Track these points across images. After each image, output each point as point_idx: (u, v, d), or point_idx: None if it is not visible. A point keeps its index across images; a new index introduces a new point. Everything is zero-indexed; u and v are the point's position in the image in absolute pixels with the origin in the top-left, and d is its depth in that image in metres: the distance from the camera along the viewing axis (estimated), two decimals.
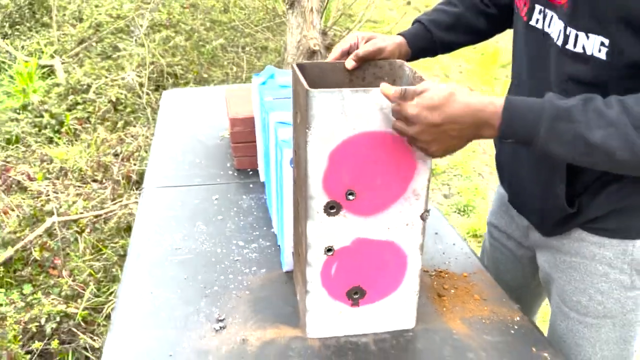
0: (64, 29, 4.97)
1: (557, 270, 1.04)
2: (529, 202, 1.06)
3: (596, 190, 0.92)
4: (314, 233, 0.87)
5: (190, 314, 1.00)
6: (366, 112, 0.79)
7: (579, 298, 1.00)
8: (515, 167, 1.08)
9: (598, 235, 0.96)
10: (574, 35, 0.83)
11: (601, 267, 0.97)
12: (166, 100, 2.14)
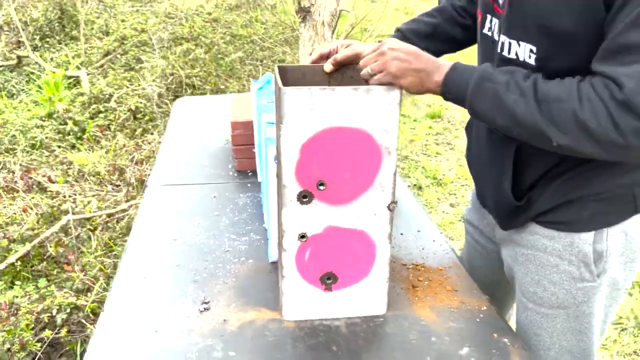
0: (91, 42, 5.20)
1: (517, 263, 1.09)
2: (488, 197, 1.12)
3: (544, 185, 0.98)
4: (288, 220, 0.94)
5: (178, 296, 1.08)
6: (334, 109, 0.87)
7: (535, 289, 1.06)
8: (477, 164, 1.15)
9: (549, 228, 1.01)
10: (508, 42, 0.92)
11: (552, 259, 1.02)
12: (178, 107, 2.25)
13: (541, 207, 0.99)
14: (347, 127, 0.89)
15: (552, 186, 0.97)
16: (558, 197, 0.97)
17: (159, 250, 1.24)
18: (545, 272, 1.03)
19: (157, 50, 4.79)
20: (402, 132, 3.95)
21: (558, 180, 0.96)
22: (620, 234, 0.97)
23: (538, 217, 1.01)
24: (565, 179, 0.96)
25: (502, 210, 1.06)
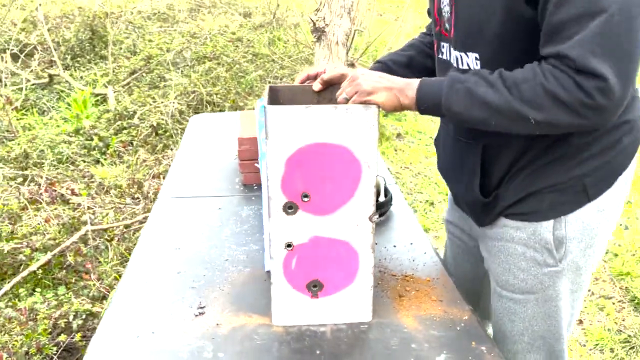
0: (118, 61, 5.41)
1: (490, 255, 1.19)
2: (460, 199, 1.22)
3: (507, 181, 1.09)
4: (275, 230, 1.01)
5: (176, 301, 1.15)
6: (316, 126, 0.94)
7: (507, 277, 1.15)
8: (449, 171, 1.23)
9: (515, 220, 1.10)
10: (460, 56, 1.06)
11: (519, 248, 1.11)
12: (194, 124, 2.36)
13: (506, 201, 1.09)
14: (328, 143, 0.95)
15: (515, 182, 1.07)
16: (520, 190, 1.07)
17: (163, 258, 1.32)
18: (514, 261, 1.13)
19: (180, 68, 4.96)
20: (416, 148, 4.00)
21: (520, 175, 1.06)
22: (577, 222, 1.06)
23: (505, 211, 1.10)
24: (526, 173, 1.06)
25: (475, 208, 1.15)
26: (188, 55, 4.95)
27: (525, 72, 0.90)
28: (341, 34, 3.24)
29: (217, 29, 6.66)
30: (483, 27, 0.98)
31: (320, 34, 3.26)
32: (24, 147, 3.27)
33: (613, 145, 1.03)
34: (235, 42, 6.13)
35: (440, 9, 1.10)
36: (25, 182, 2.96)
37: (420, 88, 0.98)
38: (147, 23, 7.23)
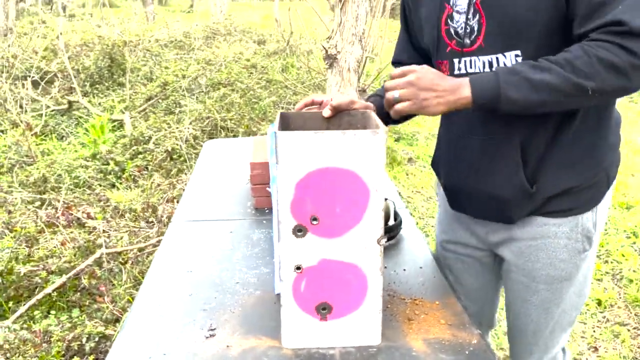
0: (135, 88, 5.54)
1: (522, 256, 1.27)
2: (477, 202, 1.25)
3: (544, 171, 1.16)
4: (285, 252, 1.02)
5: (187, 323, 1.17)
6: (324, 151, 0.96)
7: (547, 271, 1.25)
8: (471, 179, 1.24)
9: (556, 217, 1.20)
10: (494, 59, 1.11)
11: (562, 241, 1.21)
12: (207, 149, 2.40)
13: (546, 193, 1.17)
14: (337, 168, 0.97)
15: (550, 172, 1.15)
16: (557, 184, 1.16)
17: (175, 280, 1.34)
18: (556, 254, 1.23)
19: (195, 95, 5.06)
20: (428, 173, 4.00)
21: (553, 166, 1.15)
22: (602, 207, 1.21)
23: (543, 208, 1.19)
24: (560, 166, 1.15)
25: (508, 205, 1.20)
26: (203, 82, 5.05)
27: (572, 51, 0.98)
28: (353, 61, 3.30)
29: (232, 56, 6.80)
30: (527, 26, 1.05)
31: (332, 61, 3.31)
32: (43, 172, 3.34)
33: (618, 137, 1.21)
34: (250, 68, 6.25)
35: (454, 31, 1.17)
36: (43, 206, 3.02)
37: (474, 86, 1.03)
38: (164, 50, 7.41)
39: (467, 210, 1.32)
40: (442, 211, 1.45)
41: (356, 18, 3.23)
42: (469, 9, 1.12)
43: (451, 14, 1.16)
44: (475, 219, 1.32)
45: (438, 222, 1.49)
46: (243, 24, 11.27)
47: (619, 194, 3.63)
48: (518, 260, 1.28)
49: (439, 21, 1.19)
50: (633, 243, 3.03)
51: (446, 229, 1.44)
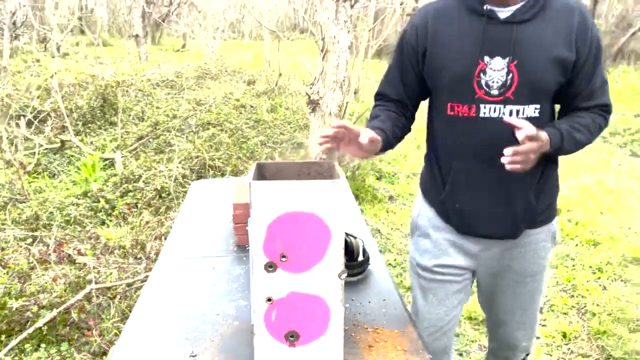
0: (127, 127, 5.71)
1: (513, 259, 1.60)
2: (492, 220, 1.53)
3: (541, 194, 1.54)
4: (257, 286, 1.17)
5: (172, 351, 1.30)
6: (291, 198, 1.12)
7: (533, 268, 1.61)
8: (473, 199, 1.52)
9: (537, 227, 1.57)
10: (518, 109, 1.42)
11: (541, 244, 1.59)
12: (194, 189, 2.55)
13: (541, 208, 1.54)
14: (302, 212, 1.13)
15: (544, 194, 1.55)
16: (547, 201, 1.56)
17: (161, 312, 1.47)
18: (539, 254, 1.60)
19: (185, 134, 5.24)
20: (407, 210, 4.17)
21: (545, 190, 1.55)
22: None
23: (532, 222, 1.55)
24: (545, 192, 1.55)
25: (519, 220, 1.53)
26: (193, 122, 5.24)
27: (589, 118, 1.47)
28: (334, 106, 3.51)
29: (222, 95, 7.03)
30: (547, 88, 1.42)
31: (315, 105, 3.52)
32: (35, 210, 3.46)
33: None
34: (239, 108, 6.47)
35: (485, 83, 1.43)
36: (34, 243, 3.13)
37: (551, 143, 1.40)
38: (156, 90, 7.64)
39: (478, 231, 1.57)
40: (434, 240, 1.65)
41: (337, 66, 3.46)
42: (505, 69, 1.41)
43: (484, 69, 1.41)
44: (476, 238, 1.58)
45: (423, 252, 1.67)
46: (234, 65, 11.59)
47: (587, 232, 3.82)
48: (510, 263, 1.61)
49: (472, 74, 1.42)
50: (598, 278, 3.20)
51: (440, 254, 1.64)
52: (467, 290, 1.68)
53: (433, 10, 1.51)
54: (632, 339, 2.59)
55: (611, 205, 4.46)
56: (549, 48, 1.39)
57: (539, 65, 1.39)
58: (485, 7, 1.40)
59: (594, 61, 1.43)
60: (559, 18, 1.39)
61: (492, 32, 1.40)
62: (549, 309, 2.93)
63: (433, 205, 1.64)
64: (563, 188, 4.67)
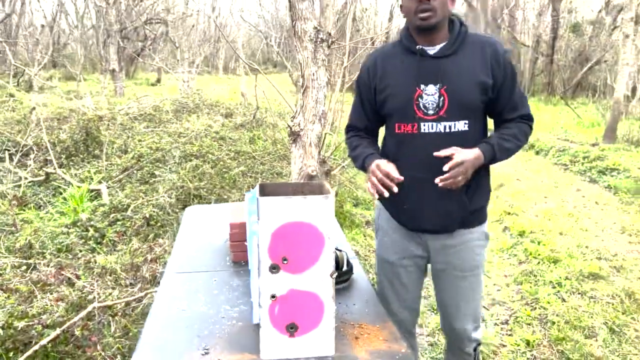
0: (111, 160, 5.88)
1: (451, 255, 1.89)
2: (432, 216, 1.83)
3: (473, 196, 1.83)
4: (263, 285, 1.41)
5: (187, 347, 1.51)
6: (292, 210, 1.37)
7: (470, 263, 1.90)
8: (417, 199, 1.83)
9: (471, 227, 1.88)
10: (450, 125, 1.76)
11: (475, 242, 1.90)
12: (188, 214, 2.77)
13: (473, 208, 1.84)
14: (301, 222, 1.38)
15: (475, 197, 1.84)
16: (479, 203, 1.87)
17: (173, 317, 1.68)
18: (473, 251, 1.90)
19: (169, 166, 5.44)
20: None
21: (476, 194, 1.84)
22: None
23: (465, 223, 1.86)
24: (476, 195, 1.85)
25: (454, 217, 1.83)
26: (177, 154, 5.45)
27: (515, 128, 1.82)
28: (314, 137, 3.78)
29: (202, 128, 7.27)
30: (473, 107, 1.77)
31: (296, 137, 3.79)
32: (28, 238, 3.60)
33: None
34: (219, 140, 6.71)
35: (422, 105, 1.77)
36: (29, 270, 3.27)
37: (485, 156, 1.75)
38: (135, 123, 7.83)
39: (422, 225, 1.87)
40: (392, 237, 1.99)
41: (316, 101, 3.75)
42: (437, 93, 1.75)
43: (421, 94, 1.77)
44: (423, 233, 1.90)
45: (386, 249, 2.01)
46: (211, 98, 11.87)
47: (548, 250, 4.14)
48: (450, 259, 1.91)
49: (412, 99, 1.78)
50: (558, 292, 3.50)
51: (399, 249, 1.96)
52: (422, 272, 2.04)
53: (380, 54, 1.92)
54: (587, 344, 2.88)
55: (570, 227, 4.82)
56: (470, 74, 1.76)
57: (464, 88, 1.75)
58: (418, 47, 1.79)
59: (510, 81, 1.80)
60: (475, 51, 1.79)
61: (424, 65, 1.79)
62: (514, 320, 3.20)
63: (387, 208, 1.98)
64: (528, 213, 5.02)
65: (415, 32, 1.80)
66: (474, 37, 1.80)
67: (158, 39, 20.99)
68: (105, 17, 16.95)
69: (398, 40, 1.89)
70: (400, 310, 2.01)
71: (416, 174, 1.80)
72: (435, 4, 1.70)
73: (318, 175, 3.86)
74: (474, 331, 2.00)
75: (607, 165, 7.29)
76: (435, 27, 1.75)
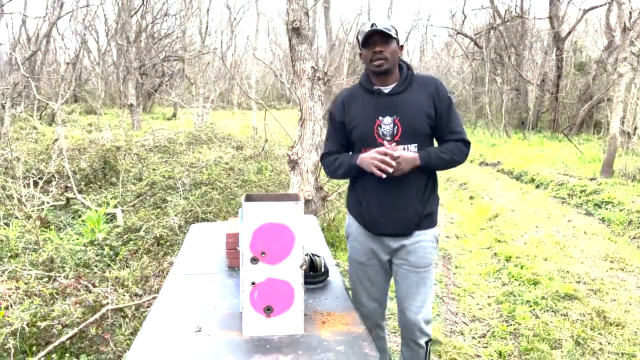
0: (126, 187, 6.30)
1: (409, 253, 2.25)
2: (393, 222, 2.18)
3: (426, 204, 2.23)
4: (245, 273, 1.75)
5: (183, 326, 1.84)
6: (269, 213, 1.73)
7: (423, 261, 2.25)
8: (380, 209, 2.17)
9: (424, 229, 2.24)
10: (406, 147, 2.17)
11: (428, 243, 2.25)
12: (193, 230, 3.13)
13: (425, 212, 2.23)
14: (276, 223, 1.74)
15: (427, 203, 2.24)
16: (429, 209, 2.26)
17: (174, 306, 2.02)
18: (426, 250, 2.25)
19: (180, 192, 5.84)
20: None
21: (427, 201, 2.24)
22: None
23: (419, 225, 2.22)
24: (427, 200, 2.24)
25: (411, 222, 2.21)
26: (187, 182, 5.86)
27: (452, 145, 2.20)
28: (310, 165, 4.16)
29: (213, 159, 7.70)
30: (422, 133, 2.18)
31: (294, 164, 4.17)
32: (50, 254, 3.98)
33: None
34: (228, 170, 7.12)
35: (382, 132, 2.18)
36: (50, 281, 3.64)
37: (421, 159, 2.14)
38: (150, 155, 8.30)
39: (385, 230, 2.23)
40: (360, 242, 2.35)
41: (312, 132, 4.15)
42: (392, 123, 2.15)
43: (380, 124, 2.18)
44: (386, 237, 2.23)
45: (356, 251, 2.36)
46: (223, 132, 12.39)
47: (529, 273, 4.42)
48: (407, 257, 2.25)
49: (373, 128, 2.19)
50: (533, 309, 3.76)
51: (367, 252, 2.32)
52: (388, 272, 2.38)
53: (346, 94, 2.36)
54: (552, 353, 3.14)
55: (555, 254, 5.08)
56: (417, 107, 2.19)
57: (414, 118, 2.18)
58: (375, 87, 2.23)
59: (447, 112, 2.21)
60: (421, 88, 2.22)
61: (381, 101, 2.21)
62: (491, 334, 3.47)
63: (355, 218, 2.35)
64: (517, 241, 5.29)
65: (372, 75, 2.23)
66: (419, 77, 2.24)
67: (175, 75, 21.84)
68: (126, 55, 17.76)
69: (359, 83, 2.31)
70: (369, 302, 2.37)
71: (378, 188, 2.18)
72: (387, 54, 2.14)
73: (314, 200, 4.22)
74: (424, 324, 2.29)
75: (602, 198, 7.53)
76: (388, 72, 2.18)
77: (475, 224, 6.57)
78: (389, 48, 2.16)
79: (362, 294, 2.37)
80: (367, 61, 2.19)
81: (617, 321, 3.55)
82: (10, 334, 2.75)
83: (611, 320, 3.57)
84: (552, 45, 18.56)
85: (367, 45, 2.18)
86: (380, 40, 2.14)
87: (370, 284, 2.36)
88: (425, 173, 2.24)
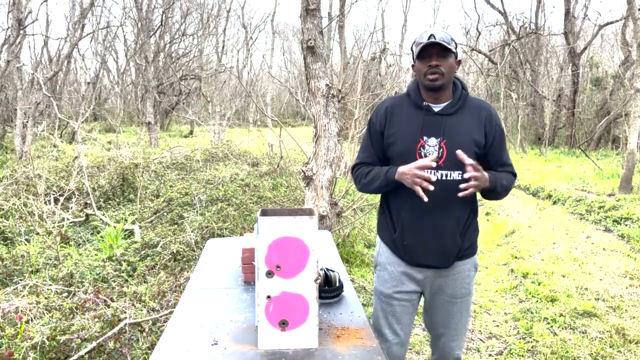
0: (144, 203, 6.39)
1: (447, 284, 2.19)
2: (430, 256, 2.14)
3: (465, 235, 2.14)
4: (261, 287, 1.77)
5: (199, 340, 1.87)
6: (283, 227, 1.76)
7: (462, 290, 2.20)
8: (416, 236, 2.11)
9: (464, 259, 2.18)
10: (446, 173, 2.06)
11: (467, 273, 2.19)
12: (209, 245, 3.17)
13: (465, 245, 2.15)
14: (291, 237, 1.76)
15: (467, 236, 2.15)
16: (470, 240, 2.18)
17: (190, 320, 2.05)
18: (465, 280, 2.19)
19: (196, 209, 5.91)
20: None
21: (467, 233, 2.16)
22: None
23: (459, 255, 2.15)
24: (468, 232, 2.16)
25: (450, 254, 2.13)
26: (204, 198, 5.93)
27: (505, 174, 2.13)
28: (325, 181, 4.19)
29: (229, 176, 7.78)
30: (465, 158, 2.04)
31: (309, 180, 4.21)
32: (70, 269, 4.05)
33: None
34: (244, 187, 7.19)
35: (424, 153, 2.06)
36: (70, 296, 3.70)
37: (490, 181, 2.03)
38: (167, 172, 8.41)
39: (421, 261, 2.15)
40: (390, 271, 2.25)
41: (327, 149, 4.19)
42: (437, 145, 2.05)
43: (424, 144, 2.06)
44: (420, 268, 2.17)
45: (383, 282, 2.27)
46: (239, 149, 12.52)
47: (547, 290, 4.37)
48: (444, 286, 2.19)
49: (415, 148, 2.07)
50: (551, 327, 3.72)
51: (397, 284, 2.23)
52: (416, 307, 2.27)
53: (390, 104, 2.20)
54: None
55: (573, 270, 5.02)
56: (467, 132, 2.05)
57: (461, 143, 2.03)
58: (424, 103, 2.10)
59: (499, 142, 2.12)
60: (473, 112, 2.09)
61: (428, 120, 2.08)
62: (508, 352, 3.44)
63: (388, 245, 2.26)
64: (535, 257, 5.28)
65: (424, 90, 2.08)
66: (472, 100, 2.11)
67: (192, 93, 22.17)
68: (144, 74, 18.10)
69: (406, 94, 2.16)
70: (392, 337, 2.25)
71: (415, 216, 2.10)
72: (443, 69, 1.99)
73: (329, 216, 4.24)
74: (458, 349, 2.27)
75: (621, 214, 7.43)
76: (441, 88, 2.03)
77: (492, 240, 6.52)
78: (447, 62, 2.00)
79: (386, 330, 2.26)
80: (420, 75, 2.04)
81: (637, 339, 3.49)
82: (31, 347, 2.80)
83: (631, 337, 3.51)
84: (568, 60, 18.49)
85: (422, 57, 2.02)
86: (438, 54, 1.99)
87: (396, 321, 2.24)
88: (469, 200, 2.09)
